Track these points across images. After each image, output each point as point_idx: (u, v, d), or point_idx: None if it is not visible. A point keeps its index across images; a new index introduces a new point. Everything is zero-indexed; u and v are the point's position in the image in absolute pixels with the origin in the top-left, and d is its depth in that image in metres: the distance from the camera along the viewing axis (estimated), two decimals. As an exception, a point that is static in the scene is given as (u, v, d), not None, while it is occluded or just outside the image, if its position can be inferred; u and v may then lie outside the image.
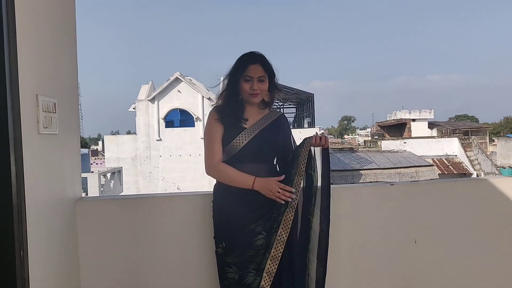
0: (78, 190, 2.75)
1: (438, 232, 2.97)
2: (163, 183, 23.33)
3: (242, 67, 2.44)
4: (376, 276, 2.92)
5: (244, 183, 2.39)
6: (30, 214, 1.94)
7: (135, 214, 2.75)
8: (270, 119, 2.56)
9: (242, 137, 2.44)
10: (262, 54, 2.50)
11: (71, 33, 2.65)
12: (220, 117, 2.47)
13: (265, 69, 2.46)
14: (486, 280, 3.04)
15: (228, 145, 2.44)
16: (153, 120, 23.88)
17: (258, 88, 2.43)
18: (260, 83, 2.44)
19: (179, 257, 2.76)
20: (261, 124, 2.52)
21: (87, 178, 17.90)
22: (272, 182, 2.37)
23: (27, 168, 1.93)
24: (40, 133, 2.12)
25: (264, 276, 2.33)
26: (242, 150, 2.43)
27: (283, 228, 2.36)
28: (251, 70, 2.42)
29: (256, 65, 2.44)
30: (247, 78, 2.43)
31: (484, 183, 3.11)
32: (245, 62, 2.46)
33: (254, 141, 2.44)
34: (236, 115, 2.48)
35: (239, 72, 2.44)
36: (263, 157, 2.48)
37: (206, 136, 2.51)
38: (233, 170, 2.41)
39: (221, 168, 2.43)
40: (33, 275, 1.95)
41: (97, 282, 2.71)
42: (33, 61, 2.09)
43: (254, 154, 2.44)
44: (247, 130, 2.47)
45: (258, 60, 2.46)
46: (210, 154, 2.47)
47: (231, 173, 2.41)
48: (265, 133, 2.49)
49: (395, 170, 23.17)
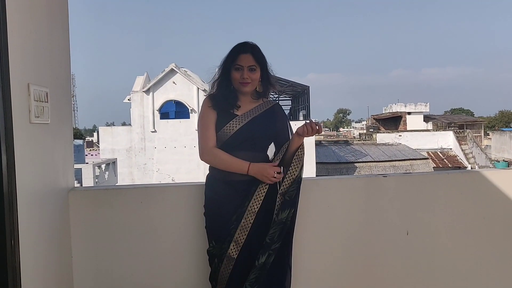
0: (71, 180, 2.74)
1: (430, 224, 2.99)
2: (157, 174, 23.28)
3: (233, 56, 2.47)
4: (368, 267, 2.94)
5: (239, 168, 2.41)
6: (21, 203, 1.94)
7: (127, 204, 2.75)
8: (264, 108, 2.58)
9: (234, 123, 2.46)
10: (255, 44, 2.53)
11: (64, 22, 2.62)
12: (213, 103, 2.51)
13: (256, 58, 2.48)
14: (477, 272, 3.06)
15: (220, 131, 2.46)
16: (148, 112, 23.77)
17: (249, 77, 2.46)
18: (250, 72, 2.46)
19: (172, 247, 2.76)
20: (254, 112, 2.54)
21: (82, 169, 17.81)
22: (268, 166, 2.41)
23: (18, 157, 1.92)
24: (32, 122, 2.11)
25: (232, 245, 2.38)
26: (233, 137, 2.45)
27: (255, 200, 2.41)
28: (241, 59, 2.46)
29: (247, 54, 2.46)
30: (238, 67, 2.46)
31: (476, 175, 3.12)
32: (236, 51, 2.49)
33: (246, 128, 2.47)
34: (228, 101, 2.51)
35: (230, 61, 2.48)
36: (254, 145, 2.48)
37: (199, 123, 2.53)
38: (227, 155, 2.43)
39: (215, 153, 2.46)
40: (24, 265, 1.95)
41: (89, 272, 2.71)
42: (25, 50, 2.07)
43: (245, 142, 2.46)
44: (239, 117, 2.49)
45: (249, 50, 2.48)
46: (204, 139, 2.49)
47: (225, 157, 2.43)
48: (257, 121, 2.51)
49: (390, 163, 23.24)
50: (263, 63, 2.53)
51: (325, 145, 27.80)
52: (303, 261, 2.80)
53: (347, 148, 26.28)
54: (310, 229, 2.84)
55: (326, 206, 2.89)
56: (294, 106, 32.34)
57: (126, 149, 23.63)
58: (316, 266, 2.89)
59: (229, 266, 2.39)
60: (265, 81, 2.57)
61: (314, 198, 2.87)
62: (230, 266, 2.39)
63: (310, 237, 2.84)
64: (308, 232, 2.82)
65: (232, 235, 2.39)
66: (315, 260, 2.87)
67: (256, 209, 2.40)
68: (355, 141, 31.76)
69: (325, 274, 2.91)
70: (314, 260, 2.87)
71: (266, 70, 2.55)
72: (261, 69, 2.52)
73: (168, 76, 24.02)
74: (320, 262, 2.90)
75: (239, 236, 2.39)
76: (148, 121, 23.73)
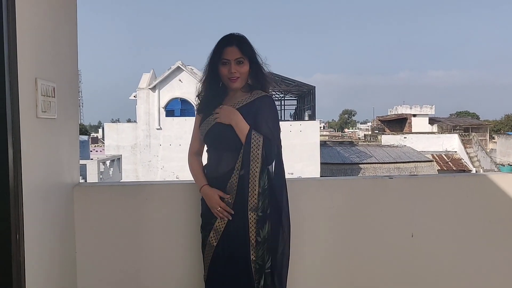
0: (76, 176, 2.74)
1: (435, 227, 2.97)
2: (162, 172, 23.33)
3: (219, 51, 2.34)
4: (372, 269, 2.92)
5: (197, 183, 2.46)
6: (26, 197, 1.94)
7: (132, 200, 2.75)
8: (244, 102, 2.40)
9: (207, 122, 2.41)
10: (241, 35, 2.39)
11: (72, 17, 2.63)
12: (198, 106, 2.51)
13: (242, 50, 2.33)
14: (483, 275, 3.04)
15: (200, 132, 2.46)
16: (154, 109, 23.82)
17: (237, 71, 2.33)
18: (238, 66, 2.33)
19: (176, 244, 2.76)
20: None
21: (87, 165, 17.87)
22: (215, 199, 2.33)
23: (25, 151, 1.92)
24: (39, 117, 2.10)
25: (212, 233, 2.36)
26: (205, 138, 2.43)
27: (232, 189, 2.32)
28: (227, 52, 2.32)
29: (232, 47, 2.33)
30: (224, 61, 2.33)
31: (483, 179, 3.10)
32: (221, 45, 2.36)
33: (214, 128, 2.38)
34: (214, 103, 2.42)
35: (217, 56, 2.35)
36: (225, 144, 2.37)
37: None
38: (196, 167, 2.49)
39: (190, 162, 2.53)
40: (28, 259, 1.95)
41: (93, 267, 2.71)
42: (33, 45, 2.07)
43: (216, 142, 2.40)
44: (209, 119, 2.41)
45: (235, 42, 2.34)
46: (190, 145, 2.56)
47: (193, 168, 2.50)
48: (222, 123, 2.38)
49: (394, 164, 23.21)
50: (251, 55, 2.37)
51: (330, 146, 27.80)
52: (306, 262, 2.80)
53: (352, 149, 26.26)
54: (314, 230, 2.83)
55: (331, 207, 2.88)
56: (300, 106, 32.30)
57: (131, 146, 23.70)
58: (320, 267, 2.87)
59: (209, 253, 2.38)
60: (254, 73, 2.42)
61: (319, 198, 2.86)
62: (210, 253, 2.37)
63: (313, 238, 2.83)
64: (311, 233, 2.81)
65: (213, 223, 2.37)
66: (318, 261, 2.86)
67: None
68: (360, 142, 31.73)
69: (328, 275, 2.90)
70: (318, 261, 2.86)
71: (255, 61, 2.39)
72: (250, 61, 2.36)
73: (174, 73, 24.07)
74: (324, 263, 2.88)
75: (218, 225, 2.35)
76: (154, 118, 23.78)
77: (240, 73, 2.34)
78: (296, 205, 2.59)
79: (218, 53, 2.34)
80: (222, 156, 2.38)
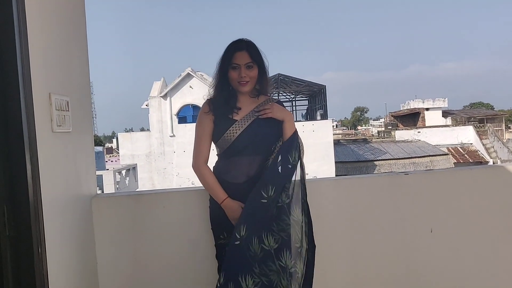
0: (93, 187, 2.77)
1: (454, 221, 2.95)
2: (177, 178, 23.41)
3: (229, 56, 2.38)
4: (393, 267, 2.91)
5: (216, 197, 2.39)
6: (46, 211, 1.97)
7: (150, 209, 2.77)
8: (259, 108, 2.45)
9: (234, 129, 2.37)
10: (250, 41, 2.43)
11: (82, 31, 2.66)
12: (211, 108, 2.42)
13: (252, 56, 2.38)
14: (504, 270, 3.00)
15: (220, 138, 2.39)
16: (166, 117, 23.93)
17: (247, 75, 2.36)
18: (248, 70, 2.37)
19: (195, 251, 2.77)
20: (254, 115, 2.42)
21: (103, 175, 18.02)
22: (239, 210, 2.32)
23: (42, 166, 1.95)
24: (54, 131, 2.14)
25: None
26: (234, 143, 2.37)
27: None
28: (237, 57, 2.36)
29: (243, 52, 2.36)
30: (234, 65, 2.36)
31: (501, 170, 3.07)
32: (231, 50, 2.39)
33: (247, 133, 2.37)
34: (228, 105, 2.42)
35: (227, 61, 2.38)
36: (257, 149, 2.39)
37: (195, 132, 2.46)
38: (212, 179, 2.40)
39: (202, 172, 2.43)
40: (51, 271, 1.98)
41: (114, 277, 2.73)
42: (45, 60, 2.10)
43: (247, 147, 2.37)
44: (239, 122, 2.39)
45: (245, 47, 2.38)
46: (197, 153, 2.45)
47: (208, 181, 2.40)
48: (257, 123, 2.40)
49: (409, 160, 23.02)
50: (260, 60, 2.42)
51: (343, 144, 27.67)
52: (325, 261, 2.79)
53: (365, 146, 26.11)
54: (331, 229, 2.82)
55: (348, 206, 2.88)
56: (311, 106, 32.20)
57: (145, 154, 23.82)
58: (339, 265, 2.87)
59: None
60: (261, 77, 2.45)
61: (335, 198, 2.86)
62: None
63: (331, 237, 2.82)
64: (329, 232, 2.81)
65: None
66: (336, 259, 2.85)
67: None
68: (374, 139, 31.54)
69: (347, 273, 2.89)
70: (336, 259, 2.85)
71: (263, 66, 2.44)
72: (258, 66, 2.41)
73: (184, 80, 24.15)
74: (342, 261, 2.88)
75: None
76: (167, 126, 23.89)
77: (250, 77, 2.38)
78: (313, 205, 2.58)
79: (228, 57, 2.37)
80: (253, 160, 2.38)
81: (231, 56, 2.37)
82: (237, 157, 2.39)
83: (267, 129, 2.40)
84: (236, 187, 2.37)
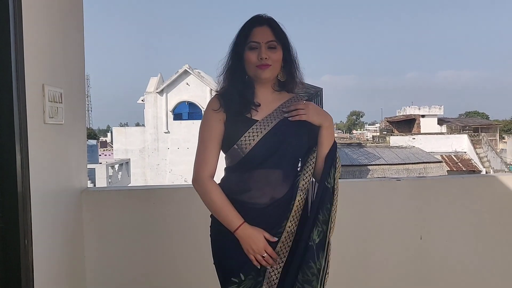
0: (84, 181, 2.76)
1: (444, 229, 2.95)
2: (170, 175, 23.39)
3: (246, 32, 1.81)
4: (382, 271, 2.90)
5: (227, 223, 1.78)
6: (35, 203, 1.95)
7: (140, 205, 2.76)
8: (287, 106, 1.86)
9: (252, 134, 1.76)
10: (272, 18, 1.86)
11: (79, 23, 2.64)
12: (222, 104, 1.80)
13: (276, 33, 1.81)
14: (492, 278, 3.01)
15: (232, 146, 1.78)
16: (162, 113, 23.91)
17: (269, 57, 1.77)
18: (270, 51, 1.78)
19: (184, 248, 2.76)
20: (279, 115, 1.83)
21: (95, 169, 18.02)
22: (262, 242, 1.75)
23: (33, 157, 1.93)
24: (46, 123, 2.12)
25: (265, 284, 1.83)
26: (254, 151, 1.75)
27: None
28: (256, 34, 1.79)
29: (263, 27, 1.80)
30: (253, 44, 1.78)
31: (492, 180, 3.07)
32: (249, 25, 1.82)
33: (269, 139, 1.77)
34: (245, 99, 1.81)
35: (243, 40, 1.80)
36: (277, 161, 1.78)
37: (200, 135, 1.84)
38: (221, 198, 1.79)
39: (208, 189, 1.80)
40: (37, 264, 1.96)
41: (102, 271, 2.72)
42: (40, 51, 2.08)
43: (270, 157, 1.77)
44: (260, 122, 1.79)
45: (265, 22, 1.82)
46: (200, 163, 1.82)
47: (216, 201, 1.79)
48: (285, 126, 1.81)
49: (403, 166, 23.04)
50: (285, 41, 1.84)
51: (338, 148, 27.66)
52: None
53: (360, 151, 26.11)
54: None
55: (339, 209, 2.86)
56: (307, 108, 32.22)
57: (139, 149, 23.80)
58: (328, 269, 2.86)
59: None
60: (288, 65, 1.87)
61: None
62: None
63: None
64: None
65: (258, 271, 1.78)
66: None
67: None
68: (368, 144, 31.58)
69: (336, 277, 2.89)
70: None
71: (289, 50, 1.86)
72: (283, 48, 1.83)
73: (181, 77, 24.16)
74: (332, 266, 2.87)
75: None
76: (162, 122, 23.88)
77: (273, 60, 1.79)
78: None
79: (245, 35, 1.81)
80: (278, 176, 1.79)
81: (248, 33, 1.80)
82: (256, 170, 1.78)
83: (297, 135, 1.82)
84: (257, 212, 1.78)
